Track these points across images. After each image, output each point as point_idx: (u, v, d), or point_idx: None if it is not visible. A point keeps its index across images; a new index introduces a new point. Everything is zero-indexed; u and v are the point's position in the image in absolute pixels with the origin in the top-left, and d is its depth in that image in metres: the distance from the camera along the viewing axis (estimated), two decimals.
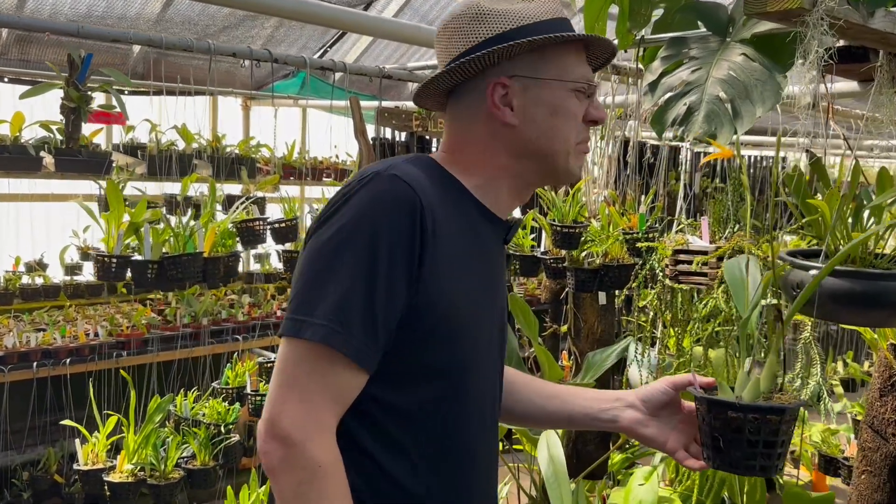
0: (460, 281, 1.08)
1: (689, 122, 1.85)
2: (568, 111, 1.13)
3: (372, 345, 1.00)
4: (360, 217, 1.02)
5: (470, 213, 1.14)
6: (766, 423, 1.23)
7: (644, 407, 1.28)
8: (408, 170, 1.07)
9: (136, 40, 2.38)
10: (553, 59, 1.13)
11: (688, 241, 2.07)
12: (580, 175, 1.21)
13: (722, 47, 1.91)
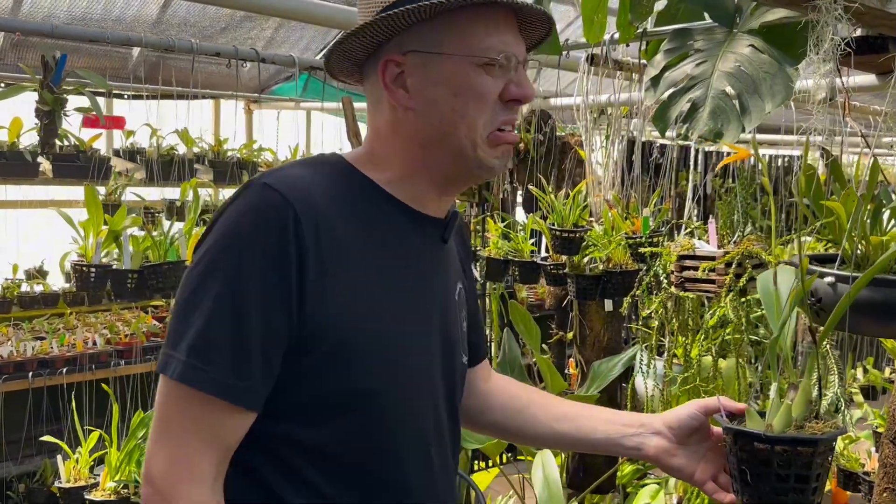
0: (368, 295, 0.94)
1: (694, 120, 1.73)
2: (474, 90, 0.95)
3: (245, 380, 0.88)
4: (224, 237, 0.90)
5: (385, 215, 0.99)
6: (797, 455, 1.10)
7: (671, 434, 1.14)
8: (289, 174, 0.94)
9: (114, 39, 2.30)
10: (456, 29, 0.95)
11: (694, 245, 1.95)
12: (501, 168, 1.02)
13: (729, 38, 1.80)
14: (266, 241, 0.88)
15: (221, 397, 0.87)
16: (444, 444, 1.05)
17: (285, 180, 0.92)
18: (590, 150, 2.80)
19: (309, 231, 0.89)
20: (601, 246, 2.13)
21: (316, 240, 0.90)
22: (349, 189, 0.98)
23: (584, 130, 2.78)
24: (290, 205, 0.89)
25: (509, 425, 1.25)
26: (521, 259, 2.37)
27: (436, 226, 1.05)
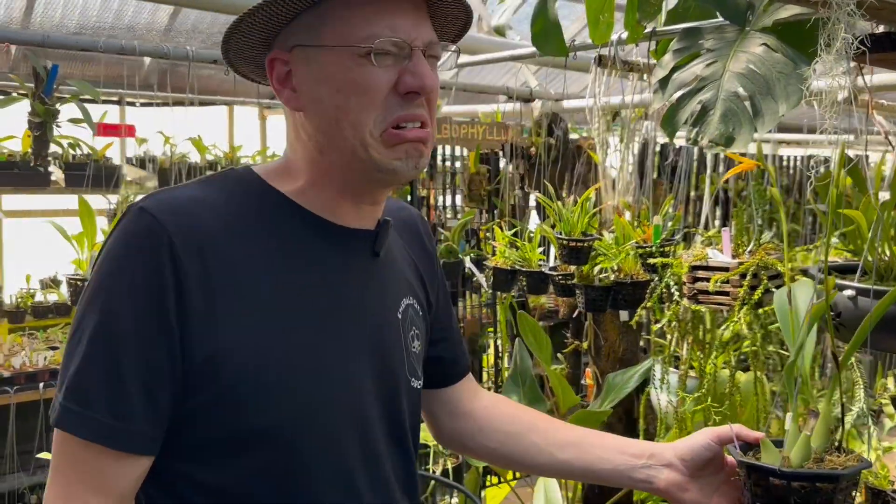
0: (270, 322, 0.85)
1: (704, 123, 1.64)
2: (357, 84, 0.85)
3: (125, 421, 0.80)
4: (99, 269, 0.83)
5: (295, 231, 0.91)
6: (815, 492, 1.01)
7: (683, 467, 1.06)
8: (173, 196, 0.86)
9: (107, 49, 2.26)
10: (336, 18, 0.85)
11: (707, 255, 1.85)
12: (408, 170, 0.90)
13: (740, 37, 1.70)
14: (137, 271, 0.81)
15: (99, 442, 0.81)
16: (381, 476, 0.95)
17: (164, 203, 0.84)
18: (603, 153, 2.71)
19: (189, 257, 0.82)
20: (611, 255, 2.04)
21: (201, 266, 0.82)
22: (253, 205, 0.90)
23: (596, 133, 2.69)
24: (164, 229, 0.81)
25: (505, 451, 1.15)
26: (529, 269, 2.28)
27: (360, 238, 0.96)
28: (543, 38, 2.08)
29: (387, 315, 0.98)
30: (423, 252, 1.12)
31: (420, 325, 1.05)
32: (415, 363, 1.02)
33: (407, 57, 0.87)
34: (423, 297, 1.09)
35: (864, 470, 1.05)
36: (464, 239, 2.96)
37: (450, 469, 2.76)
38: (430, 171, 3.02)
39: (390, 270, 1.01)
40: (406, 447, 1.00)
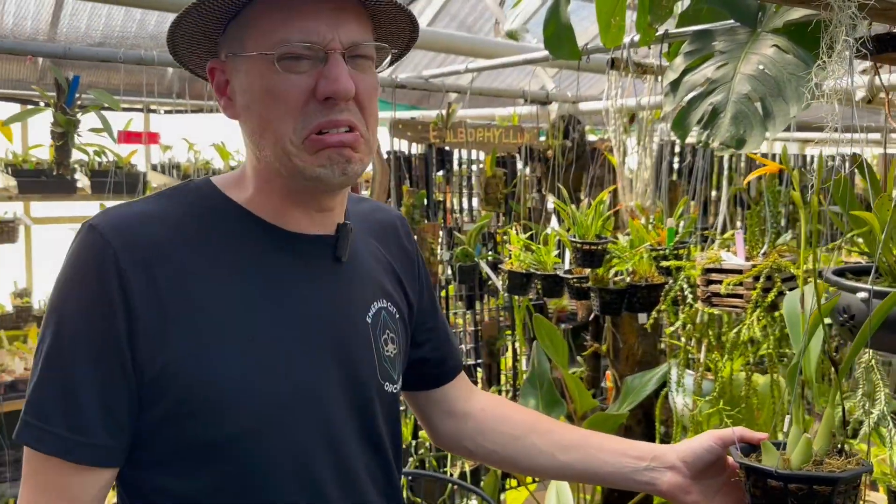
0: (224, 332, 0.85)
1: (715, 125, 1.63)
2: (273, 92, 0.84)
3: (82, 435, 0.82)
4: (55, 286, 0.85)
5: (249, 240, 0.90)
6: (813, 495, 1.01)
7: (686, 469, 1.06)
8: (123, 212, 0.87)
9: (126, 59, 2.30)
10: (253, 25, 0.84)
11: (721, 257, 1.85)
12: (335, 178, 0.87)
13: (751, 39, 1.69)
14: (85, 289, 0.82)
15: (57, 455, 0.82)
16: (354, 480, 0.95)
17: (114, 219, 0.85)
18: (620, 155, 2.71)
19: (137, 272, 0.82)
20: (625, 258, 2.03)
21: (149, 280, 0.83)
22: (207, 217, 0.90)
23: (613, 135, 2.68)
24: (110, 246, 0.82)
25: (505, 454, 1.15)
26: (544, 272, 2.28)
27: (318, 244, 0.95)
28: (556, 41, 2.09)
29: (354, 320, 0.97)
30: (401, 253, 1.11)
31: (396, 328, 1.04)
32: (388, 367, 1.01)
33: (322, 60, 0.84)
34: (402, 298, 1.08)
35: (864, 474, 1.04)
36: (480, 242, 2.97)
37: (467, 472, 2.77)
38: (446, 175, 3.03)
39: (357, 275, 1.00)
40: (383, 452, 1.00)
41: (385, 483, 1.00)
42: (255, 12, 0.85)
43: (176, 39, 0.88)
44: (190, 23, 0.86)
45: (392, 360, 1.02)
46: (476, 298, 3.18)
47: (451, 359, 1.19)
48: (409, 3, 4.11)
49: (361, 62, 0.88)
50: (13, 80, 4.32)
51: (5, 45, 2.32)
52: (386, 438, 1.01)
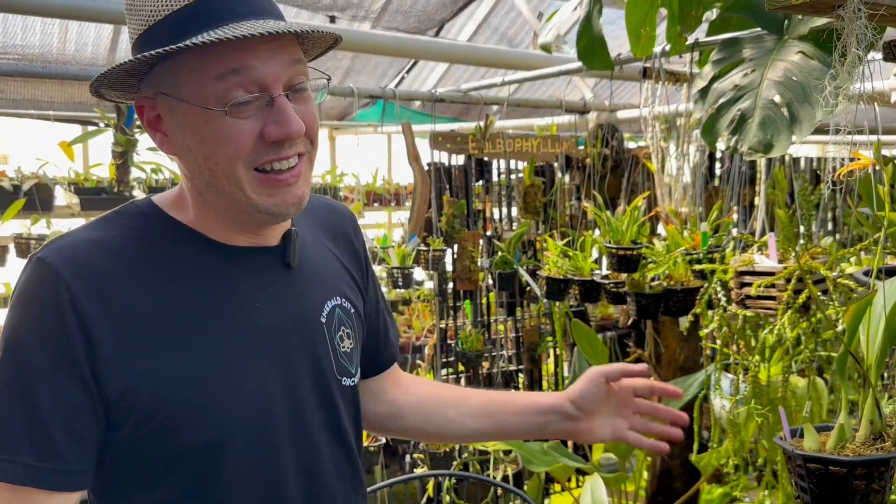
0: (181, 349, 0.88)
1: (743, 131, 1.67)
2: (221, 137, 0.85)
3: (51, 461, 0.83)
4: (7, 320, 0.86)
5: (197, 257, 0.92)
6: (829, 476, 1.06)
7: (581, 411, 1.18)
8: (69, 243, 0.88)
9: None
10: (189, 72, 0.85)
11: (755, 260, 1.87)
12: (283, 211, 0.91)
13: (778, 46, 1.72)
14: (42, 322, 0.84)
15: (30, 485, 0.83)
16: (322, 474, 1.00)
17: (62, 251, 0.87)
18: (658, 162, 2.74)
19: (90, 300, 0.84)
20: (660, 263, 2.07)
21: (103, 307, 0.85)
22: (152, 238, 0.92)
23: (651, 142, 2.72)
24: (61, 278, 0.84)
25: (427, 428, 1.24)
26: (582, 278, 2.33)
27: (265, 254, 0.97)
28: (589, 53, 2.15)
29: (307, 321, 1.00)
30: (350, 249, 1.14)
31: (351, 323, 1.07)
32: (345, 362, 1.05)
33: (269, 104, 0.86)
34: (356, 294, 1.11)
35: (888, 461, 1.07)
36: (520, 250, 3.03)
37: (510, 475, 2.82)
38: (485, 185, 3.10)
39: (308, 277, 1.02)
40: (348, 444, 1.05)
41: (351, 475, 1.06)
42: (189, 59, 0.85)
43: (100, 86, 0.90)
44: (118, 73, 0.87)
45: (349, 355, 1.06)
46: (517, 305, 3.24)
47: (387, 350, 1.23)
48: (451, 17, 4.20)
49: (300, 95, 0.90)
50: (74, 103, 4.54)
51: (71, 71, 2.48)
52: (350, 431, 1.06)
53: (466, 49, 2.97)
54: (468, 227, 2.96)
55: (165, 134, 0.91)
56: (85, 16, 2.09)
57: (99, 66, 3.97)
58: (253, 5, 0.86)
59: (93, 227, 0.92)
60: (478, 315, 3.22)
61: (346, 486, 1.05)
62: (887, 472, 1.09)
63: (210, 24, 0.83)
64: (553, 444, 2.43)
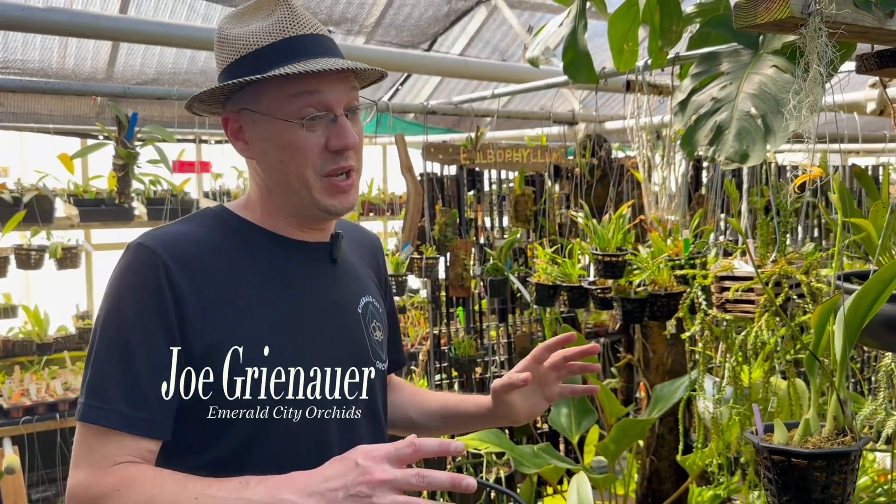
0: (251, 321, 1.07)
1: (720, 141, 1.75)
2: (295, 145, 1.07)
3: (142, 411, 1.00)
4: (110, 295, 1.05)
5: (263, 248, 1.13)
6: (792, 467, 1.13)
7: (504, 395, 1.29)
8: (162, 233, 1.08)
9: (180, 96, 2.50)
10: (271, 92, 1.08)
11: (734, 266, 1.95)
12: (342, 208, 1.13)
13: (753, 60, 1.80)
14: (144, 287, 1.02)
15: (122, 430, 0.99)
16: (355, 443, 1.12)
17: (157, 239, 1.06)
18: (645, 172, 2.82)
19: (181, 274, 1.04)
20: (644, 268, 2.14)
21: (191, 282, 1.04)
22: (227, 233, 1.13)
23: (637, 152, 2.80)
24: (158, 256, 1.03)
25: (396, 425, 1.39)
26: (570, 284, 2.40)
27: (317, 249, 1.18)
28: (575, 67, 2.22)
29: (348, 309, 1.19)
30: (375, 265, 1.34)
31: (380, 318, 1.27)
32: (378, 349, 1.23)
33: (333, 121, 1.09)
34: (380, 300, 1.30)
35: (849, 454, 1.14)
36: (511, 258, 3.10)
37: (502, 477, 2.87)
38: (477, 195, 3.17)
39: (348, 274, 1.22)
40: (379, 420, 1.21)
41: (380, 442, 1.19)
42: (272, 83, 1.07)
43: (196, 101, 1.12)
44: (215, 91, 1.09)
45: (380, 344, 1.24)
46: (508, 311, 3.31)
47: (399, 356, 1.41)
48: (444, 30, 4.29)
49: (354, 116, 1.12)
50: (74, 116, 4.61)
51: (72, 86, 2.55)
52: (381, 408, 1.23)
53: (457, 63, 3.05)
54: (460, 235, 3.03)
55: (246, 142, 1.12)
56: (89, 34, 2.16)
57: (98, 81, 4.04)
58: (322, 47, 1.09)
59: (177, 223, 1.13)
60: (470, 321, 3.29)
61: None
62: (847, 466, 1.16)
63: (291, 59, 1.06)
64: (543, 447, 2.49)
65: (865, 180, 1.70)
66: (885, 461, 2.96)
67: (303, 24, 1.09)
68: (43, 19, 2.15)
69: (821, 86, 1.23)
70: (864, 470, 2.91)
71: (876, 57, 1.70)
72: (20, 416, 3.84)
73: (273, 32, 1.08)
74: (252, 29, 1.09)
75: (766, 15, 1.20)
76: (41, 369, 4.42)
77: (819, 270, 2.08)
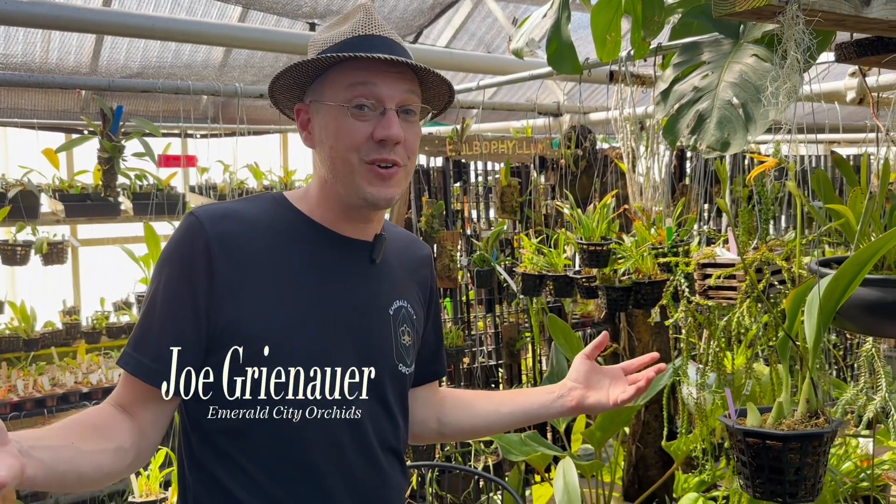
0: (281, 302, 1.12)
1: (702, 130, 1.77)
2: (344, 132, 1.13)
3: (160, 365, 1.09)
4: (159, 259, 1.14)
5: (307, 240, 1.18)
6: (766, 449, 1.16)
7: (579, 385, 1.37)
8: (217, 207, 1.16)
9: (164, 89, 2.50)
10: (332, 83, 1.15)
11: (716, 253, 1.98)
12: (379, 198, 1.16)
13: (734, 49, 1.82)
14: (181, 255, 1.12)
15: (140, 378, 1.10)
16: (363, 434, 1.18)
17: (208, 210, 1.15)
18: (629, 162, 2.84)
19: (220, 248, 1.11)
20: (629, 257, 2.17)
21: (228, 255, 1.11)
22: (277, 218, 1.19)
23: (622, 143, 2.82)
24: (204, 230, 1.11)
25: (466, 423, 1.43)
26: (556, 273, 2.42)
27: (359, 247, 1.22)
28: (559, 58, 2.24)
29: (378, 308, 1.23)
30: (425, 281, 1.37)
31: (412, 325, 1.29)
32: (403, 352, 1.26)
33: (382, 113, 1.14)
34: (420, 310, 1.33)
35: (822, 436, 1.16)
36: (497, 248, 3.12)
37: (490, 466, 2.90)
38: (463, 186, 3.19)
39: (385, 276, 1.26)
40: (395, 422, 1.24)
41: (391, 441, 1.23)
42: (334, 73, 1.14)
43: (276, 88, 1.19)
44: (288, 76, 1.16)
45: (407, 349, 1.27)
46: (495, 302, 3.33)
47: (431, 367, 1.43)
48: (429, 23, 4.29)
49: (408, 116, 1.17)
50: (58, 111, 4.58)
51: (56, 80, 2.54)
52: (398, 414, 1.25)
53: (443, 55, 3.06)
54: (447, 226, 3.04)
55: (310, 132, 1.19)
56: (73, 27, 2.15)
57: (82, 75, 4.02)
58: (389, 47, 1.15)
59: (235, 202, 1.21)
60: (458, 312, 3.31)
61: (388, 454, 1.23)
62: (820, 447, 1.19)
63: (356, 51, 1.12)
64: (531, 434, 2.51)
65: (845, 167, 1.72)
66: (869, 447, 3.01)
67: (374, 27, 1.16)
68: (26, 12, 2.15)
69: (798, 73, 1.25)
70: (848, 455, 2.96)
71: (855, 46, 1.72)
72: (7, 413, 3.84)
73: (348, 32, 1.16)
74: (335, 32, 1.17)
75: (745, 3, 1.22)
76: (28, 365, 4.40)
77: (801, 258, 2.11)
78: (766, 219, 1.94)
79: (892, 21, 1.37)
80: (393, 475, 1.23)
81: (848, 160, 1.82)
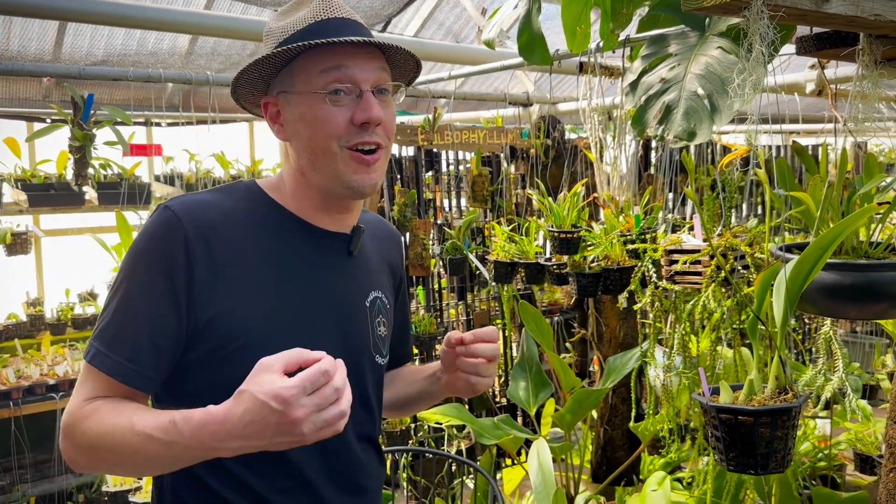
0: (258, 295, 1.11)
1: (669, 121, 1.82)
2: (320, 119, 1.11)
3: (137, 366, 1.06)
4: (131, 251, 1.11)
5: (284, 231, 1.16)
6: (738, 425, 1.22)
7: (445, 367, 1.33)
8: (190, 199, 1.12)
9: (136, 77, 2.49)
10: (302, 71, 1.13)
11: (682, 240, 2.04)
12: (363, 185, 1.15)
13: (700, 42, 1.88)
14: (159, 250, 1.08)
15: (115, 377, 1.06)
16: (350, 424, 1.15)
17: (183, 203, 1.11)
18: (597, 152, 2.90)
19: (198, 243, 1.08)
20: (598, 244, 2.22)
21: (206, 250, 1.08)
22: (252, 209, 1.16)
23: (590, 133, 2.87)
24: (180, 223, 1.08)
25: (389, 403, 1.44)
26: (527, 261, 2.47)
27: (336, 239, 1.21)
28: (529, 49, 2.28)
29: (355, 302, 1.23)
30: (395, 264, 1.39)
31: (387, 315, 1.31)
32: (379, 344, 1.27)
33: (359, 96, 1.12)
34: (391, 296, 1.35)
35: (788, 411, 1.23)
36: (469, 237, 3.16)
37: (463, 450, 2.95)
38: (435, 175, 3.22)
39: (362, 268, 1.26)
40: (371, 414, 1.26)
41: (369, 433, 1.26)
42: (303, 62, 1.12)
43: (239, 83, 1.16)
44: (253, 71, 1.13)
45: (383, 339, 1.28)
46: (467, 290, 3.38)
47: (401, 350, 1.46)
48: (398, 12, 4.30)
49: (382, 96, 1.15)
50: (20, 99, 4.50)
51: (26, 67, 2.51)
52: (372, 398, 1.27)
53: (414, 44, 3.09)
54: (419, 215, 3.08)
55: (282, 125, 1.16)
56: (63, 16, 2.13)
57: (45, 63, 3.95)
58: (351, 29, 1.14)
59: (208, 192, 1.17)
60: (430, 300, 3.35)
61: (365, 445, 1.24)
62: (789, 421, 1.25)
63: (322, 37, 1.10)
64: (503, 418, 2.57)
65: (805, 157, 1.79)
66: (826, 428, 3.12)
67: (335, 10, 1.14)
68: None
69: (763, 65, 1.30)
70: (806, 436, 3.07)
71: (814, 39, 1.79)
72: None
73: (307, 19, 1.13)
74: (293, 19, 1.14)
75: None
76: None
77: (762, 245, 2.19)
78: (730, 206, 2.01)
79: (850, 16, 1.43)
80: (371, 465, 1.25)
81: (807, 150, 1.89)
